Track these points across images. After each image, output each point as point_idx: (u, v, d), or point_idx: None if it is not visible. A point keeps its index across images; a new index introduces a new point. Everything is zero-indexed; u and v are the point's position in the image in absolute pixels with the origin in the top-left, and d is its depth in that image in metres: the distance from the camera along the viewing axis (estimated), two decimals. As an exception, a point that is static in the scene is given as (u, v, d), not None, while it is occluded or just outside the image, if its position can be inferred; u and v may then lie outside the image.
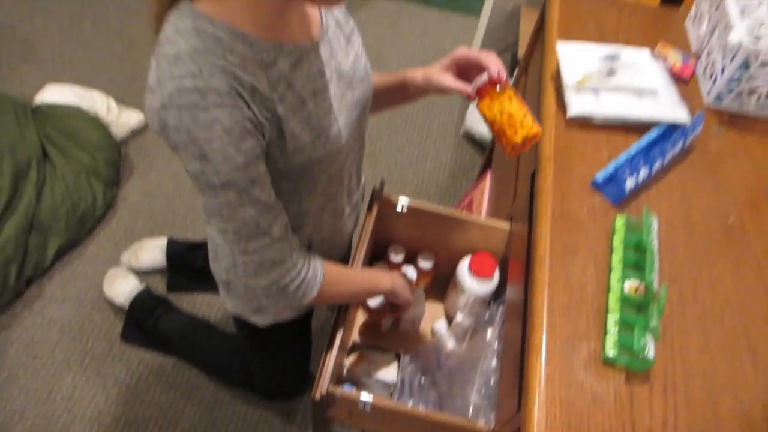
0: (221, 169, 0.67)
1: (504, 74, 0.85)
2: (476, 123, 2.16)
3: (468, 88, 0.87)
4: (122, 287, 1.64)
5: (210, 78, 0.64)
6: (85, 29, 2.40)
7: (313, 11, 0.79)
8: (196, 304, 1.69)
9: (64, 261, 1.75)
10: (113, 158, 1.89)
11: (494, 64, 0.85)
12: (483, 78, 0.85)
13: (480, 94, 0.86)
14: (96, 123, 1.90)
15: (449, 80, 0.90)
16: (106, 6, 2.51)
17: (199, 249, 1.68)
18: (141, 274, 1.70)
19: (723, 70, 1.04)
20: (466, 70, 0.90)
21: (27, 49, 2.28)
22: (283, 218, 0.78)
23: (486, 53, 0.87)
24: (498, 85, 0.85)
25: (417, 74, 0.95)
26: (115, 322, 1.64)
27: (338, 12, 0.85)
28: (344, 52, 0.83)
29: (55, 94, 1.94)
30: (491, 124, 0.86)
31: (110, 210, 1.87)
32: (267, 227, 0.75)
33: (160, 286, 1.71)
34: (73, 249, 1.77)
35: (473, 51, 0.88)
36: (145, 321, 1.59)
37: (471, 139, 2.22)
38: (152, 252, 1.73)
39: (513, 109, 0.84)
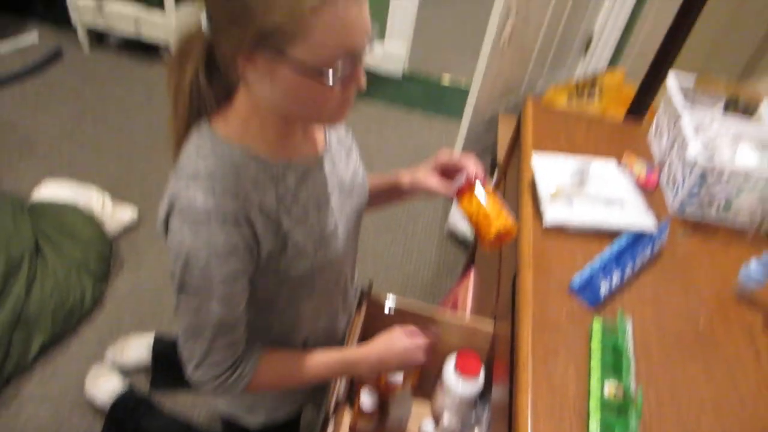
0: (195, 281, 0.73)
1: (481, 174, 0.93)
2: (459, 222, 2.24)
3: (450, 188, 0.95)
4: (104, 387, 1.62)
5: (220, 199, 0.71)
6: (85, 127, 2.50)
7: (317, 128, 0.88)
8: (179, 404, 1.67)
9: (46, 357, 1.73)
10: (105, 254, 1.93)
11: (472, 166, 0.93)
12: (462, 178, 0.93)
13: (460, 193, 0.94)
14: (90, 219, 1.95)
15: (434, 182, 0.97)
16: (107, 105, 2.63)
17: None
18: (125, 371, 1.69)
19: (684, 182, 1.13)
20: (448, 172, 0.98)
21: (27, 146, 2.36)
22: (235, 335, 0.81)
23: (465, 156, 0.96)
24: (476, 185, 0.92)
25: (405, 177, 1.03)
26: (93, 424, 1.61)
27: (340, 129, 0.94)
28: (345, 165, 0.92)
29: (52, 191, 2.00)
30: (469, 219, 0.93)
31: (97, 305, 1.88)
32: (212, 336, 0.78)
33: (143, 385, 1.69)
34: (56, 345, 1.76)
35: (454, 155, 0.96)
36: (125, 423, 1.56)
37: (454, 237, 2.29)
38: (138, 349, 1.72)
39: (488, 206, 0.91)
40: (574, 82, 2.26)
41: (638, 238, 1.07)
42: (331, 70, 0.66)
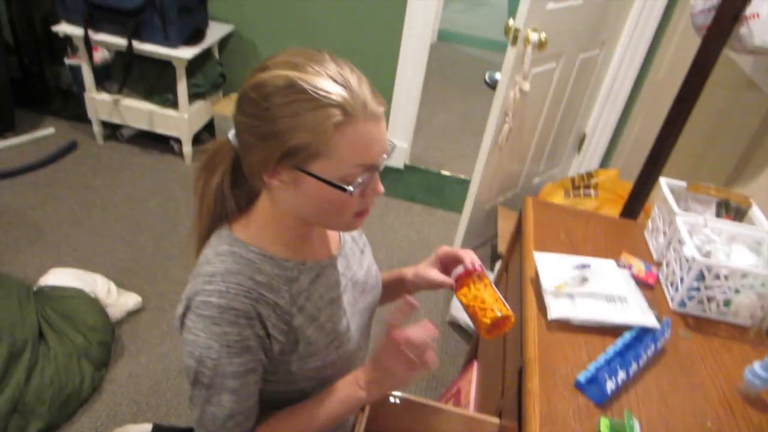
0: (208, 373, 0.77)
1: (478, 266, 0.97)
2: (460, 311, 2.26)
3: (450, 280, 0.99)
4: (100, 479, 1.58)
5: (234, 298, 0.75)
6: (93, 215, 2.57)
7: (333, 231, 0.93)
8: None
9: (40, 448, 1.69)
10: (106, 340, 1.92)
11: (469, 258, 0.98)
12: (459, 269, 0.97)
13: (458, 282, 0.97)
14: (94, 305, 1.97)
15: (435, 274, 1.02)
16: (116, 194, 2.71)
17: (185, 437, 1.65)
18: (120, 463, 1.65)
19: (682, 280, 1.17)
20: (448, 265, 1.03)
21: (36, 234, 2.41)
22: (245, 425, 0.83)
23: (463, 250, 1.00)
24: (473, 275, 0.96)
25: (409, 272, 1.08)
26: None
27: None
28: (359, 263, 0.96)
29: (58, 278, 2.02)
30: (466, 309, 0.96)
31: (95, 392, 1.85)
32: (222, 426, 0.80)
33: (138, 478, 1.65)
34: (52, 433, 1.73)
35: (453, 249, 1.01)
36: None
37: (456, 327, 2.30)
38: (134, 439, 1.69)
39: (485, 295, 0.93)
40: (570, 179, 2.35)
41: (641, 335, 1.09)
42: (354, 186, 0.72)
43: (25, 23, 2.96)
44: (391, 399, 1.19)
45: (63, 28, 2.67)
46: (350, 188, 0.72)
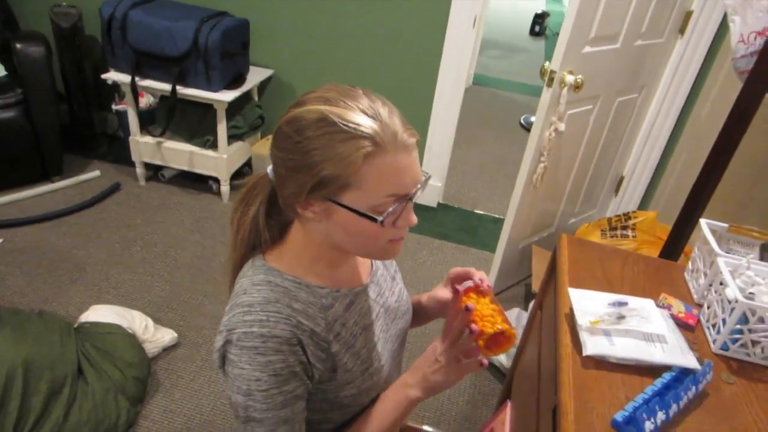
0: (259, 406, 0.76)
1: (485, 281, 0.95)
2: (494, 353, 2.21)
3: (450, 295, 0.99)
4: None
5: (275, 326, 0.76)
6: (133, 253, 2.64)
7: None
8: None
9: (75, 483, 1.70)
10: (143, 375, 1.95)
11: (478, 275, 0.96)
12: (468, 283, 0.94)
13: (464, 294, 0.92)
14: (132, 341, 2.00)
15: (441, 292, 1.03)
16: (156, 233, 2.79)
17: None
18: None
19: (724, 322, 1.13)
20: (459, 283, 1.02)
21: (78, 272, 2.49)
22: None
23: (473, 269, 0.99)
24: (476, 290, 0.92)
25: (423, 296, 1.09)
26: None
27: None
28: (390, 290, 0.97)
29: (98, 314, 2.07)
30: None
31: (130, 428, 1.87)
32: None
33: None
34: (86, 470, 1.74)
35: (464, 268, 1.00)
36: None
37: (490, 365, 2.26)
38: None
39: (487, 309, 0.89)
40: (607, 219, 2.32)
41: (682, 377, 1.05)
42: (384, 216, 0.73)
43: (76, 72, 3.12)
44: (423, 437, 1.17)
45: (111, 75, 2.82)
46: (380, 218, 0.73)
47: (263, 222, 0.85)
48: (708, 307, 1.23)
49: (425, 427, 1.18)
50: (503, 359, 2.18)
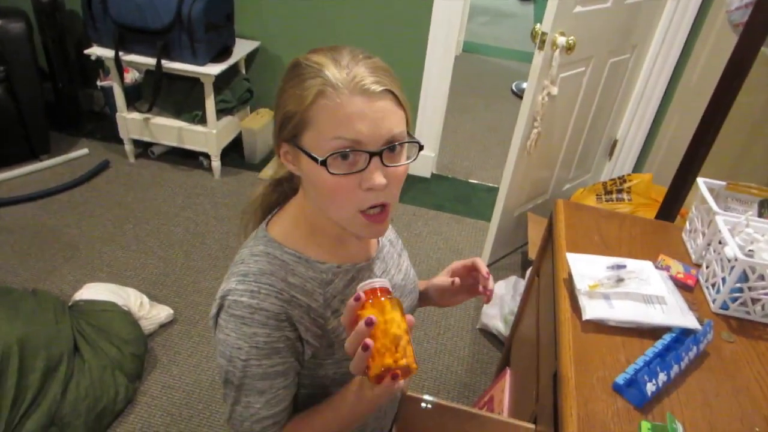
0: (238, 373, 0.77)
1: (485, 272, 0.93)
2: (491, 318, 2.22)
3: (450, 280, 0.98)
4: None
5: (265, 299, 0.75)
6: (125, 231, 2.61)
7: None
8: None
9: (76, 460, 1.71)
10: (140, 352, 1.94)
11: (484, 268, 0.94)
12: (375, 282, 0.71)
13: (373, 297, 0.70)
14: (127, 318, 1.99)
15: (438, 279, 1.02)
16: (148, 210, 2.76)
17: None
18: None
19: (724, 281, 1.13)
20: (462, 278, 1.00)
21: (71, 251, 2.47)
22: (273, 430, 0.81)
23: (479, 260, 0.97)
24: (390, 298, 0.71)
25: (422, 284, 1.08)
26: None
27: (391, 233, 0.98)
28: (397, 267, 0.95)
29: (92, 292, 2.05)
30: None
31: (129, 404, 1.87)
32: (248, 428, 0.80)
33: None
34: (87, 447, 1.74)
35: (470, 260, 0.98)
36: None
37: (487, 334, 2.27)
38: (166, 451, 1.69)
39: (396, 330, 0.68)
40: (602, 183, 2.31)
41: (682, 337, 1.05)
42: (330, 158, 0.69)
43: (58, 49, 3.05)
44: (423, 405, 1.17)
45: (94, 50, 2.75)
46: (320, 158, 0.69)
47: (272, 185, 0.88)
48: (707, 267, 1.22)
49: (425, 396, 1.17)
50: (501, 327, 2.19)
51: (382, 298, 0.70)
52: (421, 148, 0.76)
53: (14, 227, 2.56)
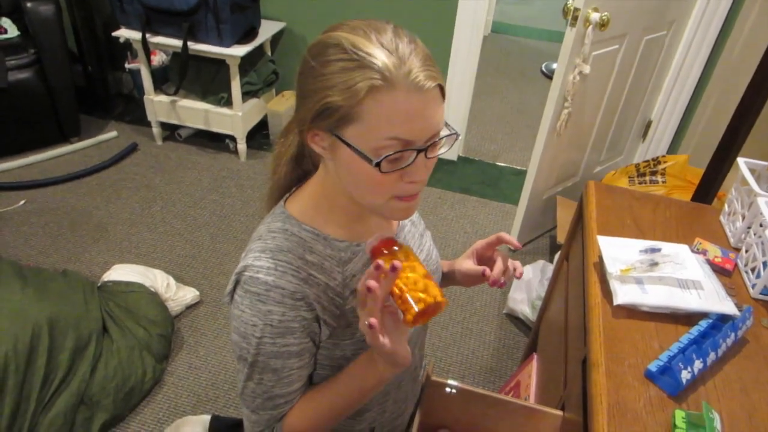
0: (252, 350, 0.75)
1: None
2: (518, 303, 2.18)
3: (481, 269, 0.92)
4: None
5: (282, 276, 0.73)
6: (154, 214, 2.63)
7: None
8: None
9: (105, 438, 1.74)
10: (167, 333, 1.96)
11: (507, 237, 0.92)
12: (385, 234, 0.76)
13: (386, 246, 0.74)
14: (155, 299, 2.01)
15: (467, 265, 0.97)
16: (175, 192, 2.78)
17: (242, 427, 1.65)
18: (181, 454, 1.67)
19: (765, 265, 1.07)
20: (485, 257, 0.97)
21: (100, 232, 2.50)
22: (283, 409, 0.80)
23: (503, 233, 0.94)
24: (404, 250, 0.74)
25: (446, 264, 1.03)
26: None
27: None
28: (419, 247, 0.92)
29: (120, 274, 2.08)
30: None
31: (157, 385, 1.89)
32: (256, 407, 0.80)
33: (198, 469, 1.66)
34: (116, 424, 1.77)
35: (486, 239, 0.94)
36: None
37: (514, 318, 2.23)
38: (194, 429, 1.71)
39: (421, 270, 0.72)
40: (635, 165, 2.23)
41: (719, 324, 1.01)
42: (381, 158, 0.66)
43: (88, 32, 3.07)
44: (447, 389, 1.15)
45: (122, 33, 2.76)
46: (375, 160, 0.66)
47: (293, 163, 0.83)
48: (746, 251, 1.17)
49: (450, 381, 1.15)
50: (528, 312, 2.15)
51: (395, 248, 0.73)
52: (455, 136, 0.73)
53: (45, 209, 2.61)
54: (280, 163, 0.84)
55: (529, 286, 2.19)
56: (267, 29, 2.95)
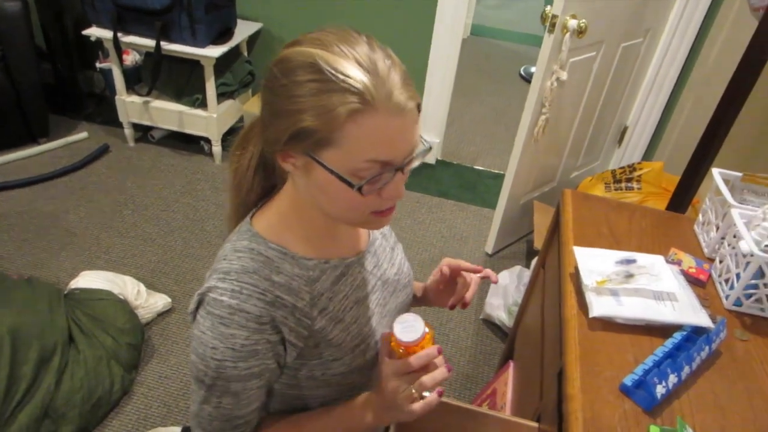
0: (211, 373, 0.72)
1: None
2: (495, 309, 2.18)
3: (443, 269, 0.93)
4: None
5: (247, 300, 0.70)
6: (125, 218, 2.57)
7: None
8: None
9: (71, 451, 1.68)
10: (136, 342, 1.91)
11: (470, 268, 0.92)
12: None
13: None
14: (124, 307, 1.95)
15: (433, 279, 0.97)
16: (147, 195, 2.71)
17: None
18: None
19: (738, 277, 1.07)
20: (453, 276, 0.95)
21: (68, 237, 2.43)
22: (243, 429, 0.78)
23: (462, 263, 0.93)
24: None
25: (418, 287, 1.04)
26: None
27: None
28: (390, 261, 0.90)
29: (88, 281, 2.02)
30: None
31: (126, 395, 1.84)
32: (213, 430, 0.77)
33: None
34: (82, 437, 1.72)
35: (456, 262, 0.93)
36: None
37: (490, 324, 2.22)
38: (163, 442, 1.66)
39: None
40: (611, 171, 2.24)
41: (693, 336, 1.00)
42: (362, 182, 0.65)
43: (57, 29, 2.99)
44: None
45: (93, 31, 2.69)
46: (356, 185, 0.65)
47: (252, 173, 0.80)
48: (720, 262, 1.17)
49: (424, 393, 1.13)
50: (504, 318, 2.14)
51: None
52: (428, 149, 0.72)
53: (11, 212, 2.53)
54: (244, 178, 0.80)
55: (505, 292, 2.19)
56: (243, 29, 2.90)
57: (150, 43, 2.62)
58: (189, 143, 3.10)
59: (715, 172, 1.27)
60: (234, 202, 0.83)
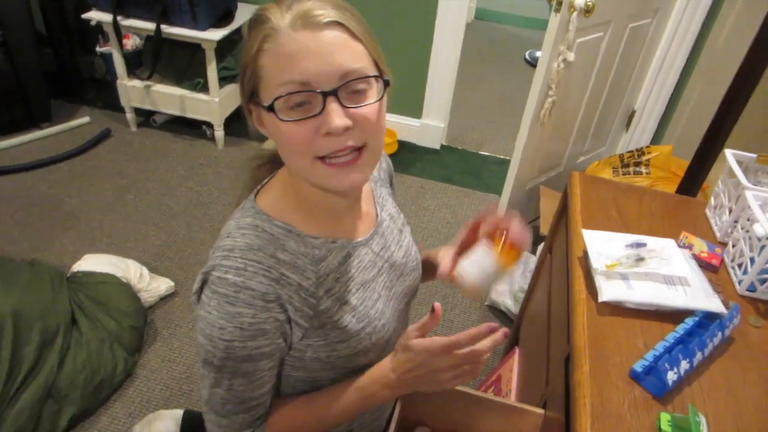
0: (219, 354, 0.70)
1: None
2: (500, 295, 2.16)
3: (448, 270, 0.88)
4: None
5: (252, 277, 0.68)
6: (127, 201, 2.55)
7: (368, 206, 0.84)
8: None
9: (75, 431, 1.67)
10: (139, 325, 1.90)
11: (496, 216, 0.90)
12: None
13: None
14: (127, 290, 1.94)
15: (445, 260, 0.90)
16: (149, 180, 2.70)
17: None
18: (152, 450, 1.62)
19: (752, 261, 1.05)
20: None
21: (71, 221, 2.42)
22: (257, 411, 0.77)
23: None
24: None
25: (431, 254, 1.02)
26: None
27: (391, 207, 0.90)
28: (397, 244, 0.87)
29: (91, 264, 2.01)
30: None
31: (128, 377, 1.83)
32: (234, 411, 0.75)
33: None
34: (86, 418, 1.71)
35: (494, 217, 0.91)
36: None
37: (496, 310, 2.20)
38: (166, 424, 1.65)
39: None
40: (619, 156, 2.21)
41: (706, 322, 0.98)
42: (279, 101, 0.64)
43: (57, 14, 2.96)
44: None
45: (92, 15, 2.65)
46: (266, 103, 0.64)
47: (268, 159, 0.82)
48: (733, 246, 1.14)
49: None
50: (510, 304, 2.12)
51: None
52: (387, 84, 0.68)
53: (14, 196, 2.51)
54: (263, 157, 0.81)
55: (511, 278, 2.16)
56: (244, 12, 2.86)
57: (150, 26, 2.58)
58: (191, 127, 3.07)
59: (729, 153, 1.24)
60: (250, 178, 0.84)
